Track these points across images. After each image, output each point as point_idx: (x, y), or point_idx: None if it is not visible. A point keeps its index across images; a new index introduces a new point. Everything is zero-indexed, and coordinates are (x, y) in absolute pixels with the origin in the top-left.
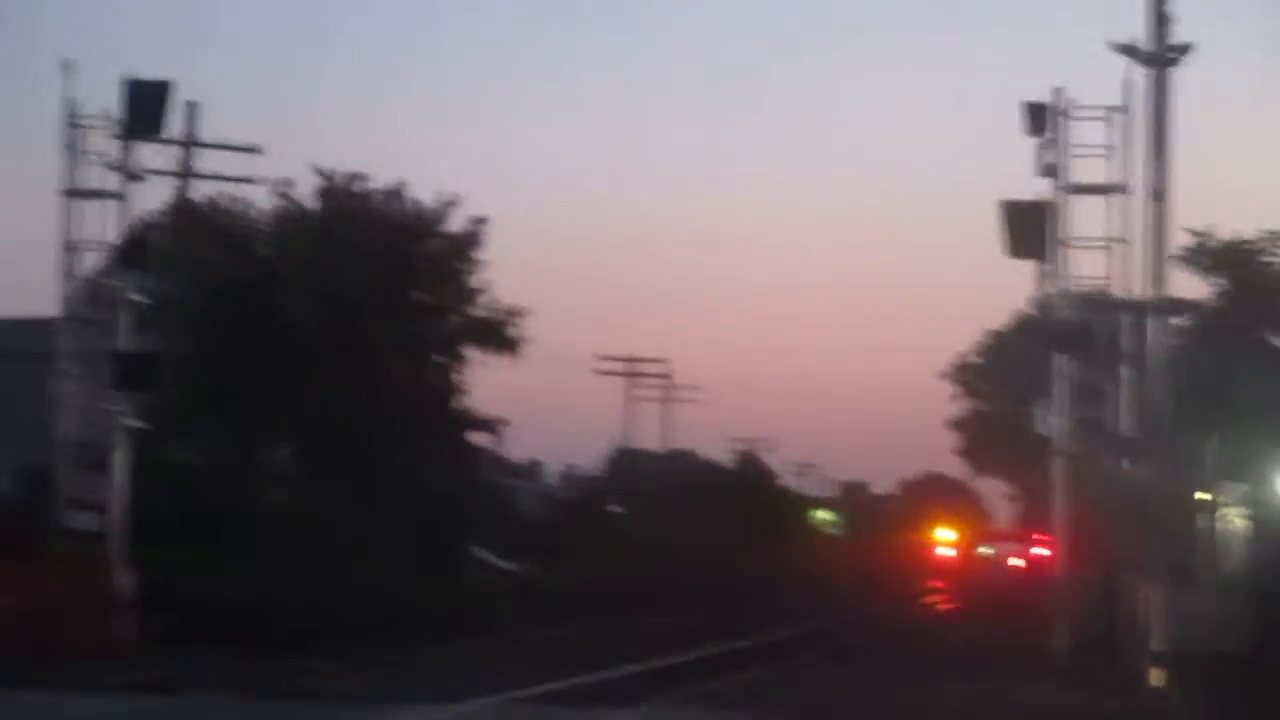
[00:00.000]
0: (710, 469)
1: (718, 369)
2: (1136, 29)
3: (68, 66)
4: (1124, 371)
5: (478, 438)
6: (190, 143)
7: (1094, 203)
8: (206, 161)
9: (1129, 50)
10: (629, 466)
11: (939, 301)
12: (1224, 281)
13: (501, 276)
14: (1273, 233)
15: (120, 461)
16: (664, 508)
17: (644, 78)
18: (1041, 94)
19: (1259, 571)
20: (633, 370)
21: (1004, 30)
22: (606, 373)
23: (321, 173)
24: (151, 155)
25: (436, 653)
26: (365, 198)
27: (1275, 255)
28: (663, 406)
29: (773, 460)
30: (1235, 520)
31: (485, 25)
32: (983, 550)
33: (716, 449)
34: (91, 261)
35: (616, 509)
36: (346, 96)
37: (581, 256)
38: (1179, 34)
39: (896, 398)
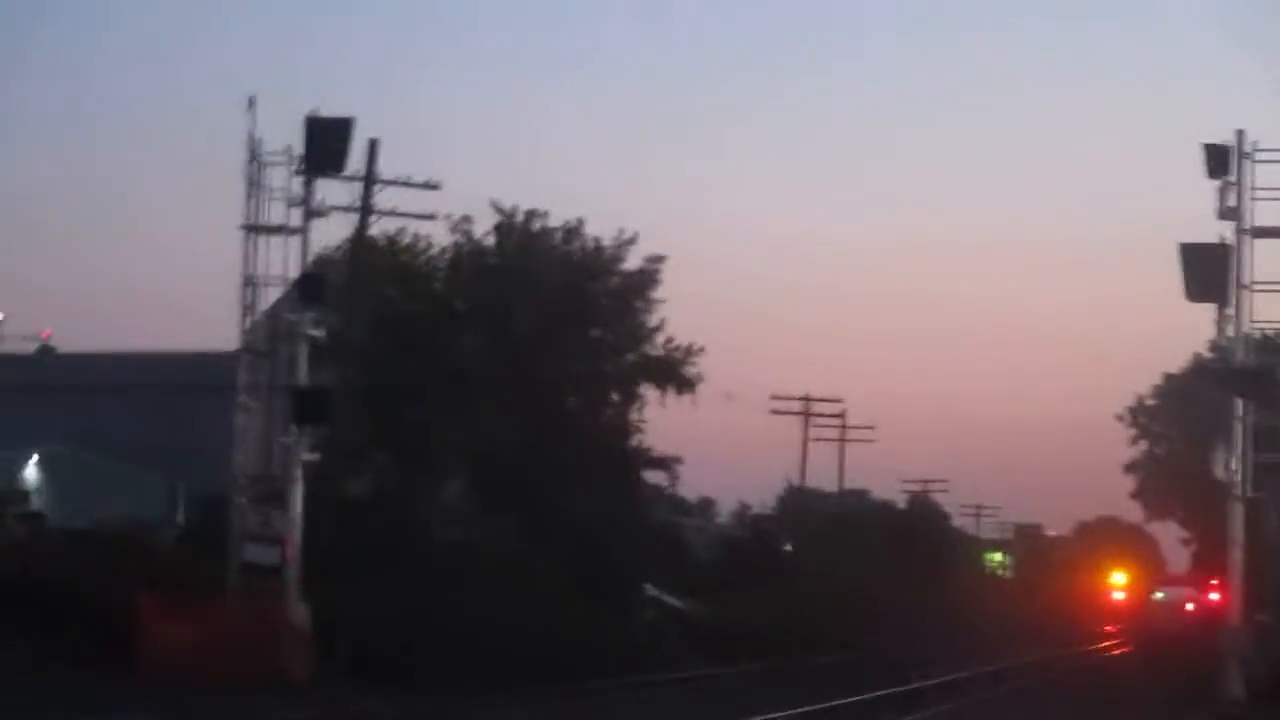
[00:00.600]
0: (883, 509)
1: (894, 410)
2: None
3: (251, 103)
4: None
5: (652, 475)
6: (370, 179)
7: (1276, 246)
8: (386, 198)
9: None
10: (801, 505)
11: (1118, 346)
12: None
13: (678, 314)
14: None
15: (296, 495)
16: (835, 547)
17: (826, 118)
18: (1224, 136)
19: None
20: (807, 410)
21: (1187, 74)
22: (781, 412)
23: (500, 209)
24: (332, 191)
25: (607, 690)
26: (543, 235)
27: None
28: (837, 446)
29: (946, 502)
30: None
31: (669, 61)
32: (1157, 595)
33: (890, 490)
34: (271, 296)
35: (788, 548)
36: (525, 134)
37: (759, 295)
38: None
39: (1073, 441)
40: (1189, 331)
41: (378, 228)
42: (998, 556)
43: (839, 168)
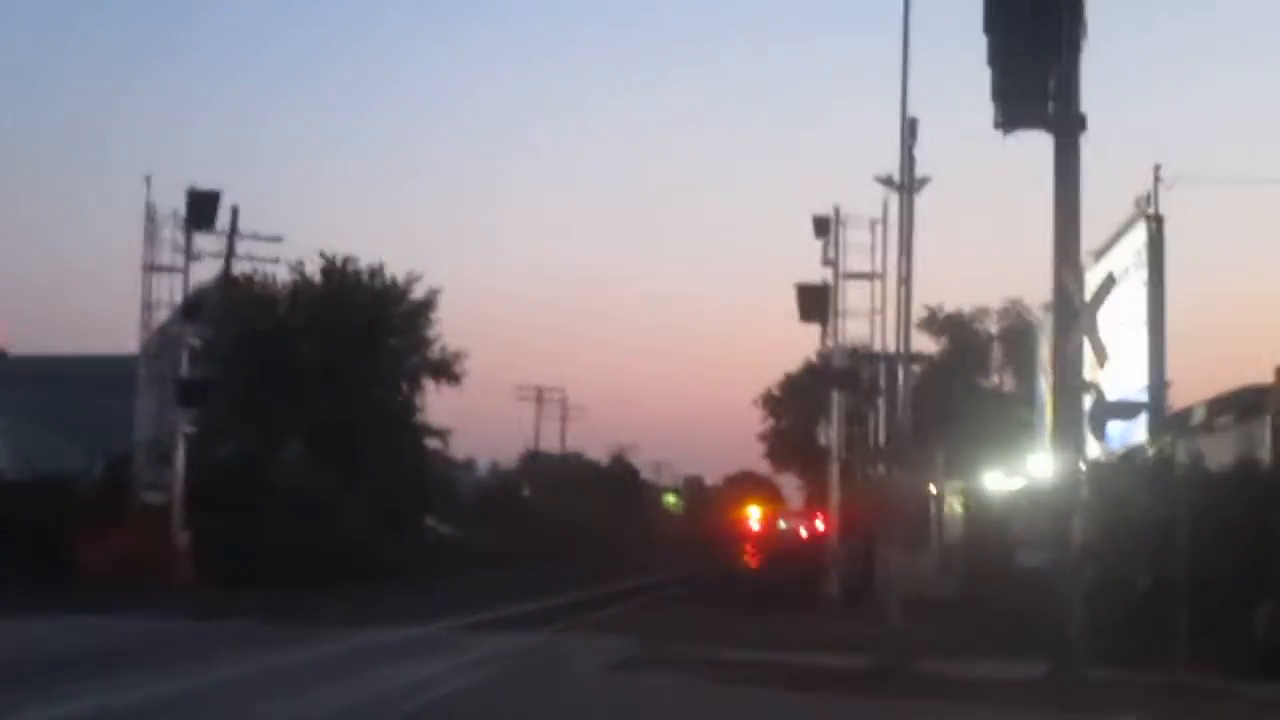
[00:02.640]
0: (592, 466)
1: (603, 390)
2: (893, 164)
3: (147, 180)
4: (880, 403)
5: (431, 442)
6: (233, 233)
7: (861, 285)
8: (244, 246)
9: (886, 181)
10: (536, 465)
11: (759, 351)
12: (947, 341)
13: (453, 326)
14: (980, 308)
15: (179, 456)
16: (559, 494)
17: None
18: (826, 208)
19: (967, 542)
20: (540, 395)
21: (799, 159)
22: (521, 398)
23: (325, 256)
24: (206, 242)
25: (402, 590)
26: (355, 274)
27: (981, 324)
28: (561, 421)
29: (637, 459)
30: (954, 506)
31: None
32: (781, 524)
33: (599, 451)
34: (162, 315)
35: (526, 493)
36: (357, 198)
37: (513, 310)
38: (922, 168)
39: (726, 416)
40: (804, 343)
41: (239, 268)
42: (672, 499)
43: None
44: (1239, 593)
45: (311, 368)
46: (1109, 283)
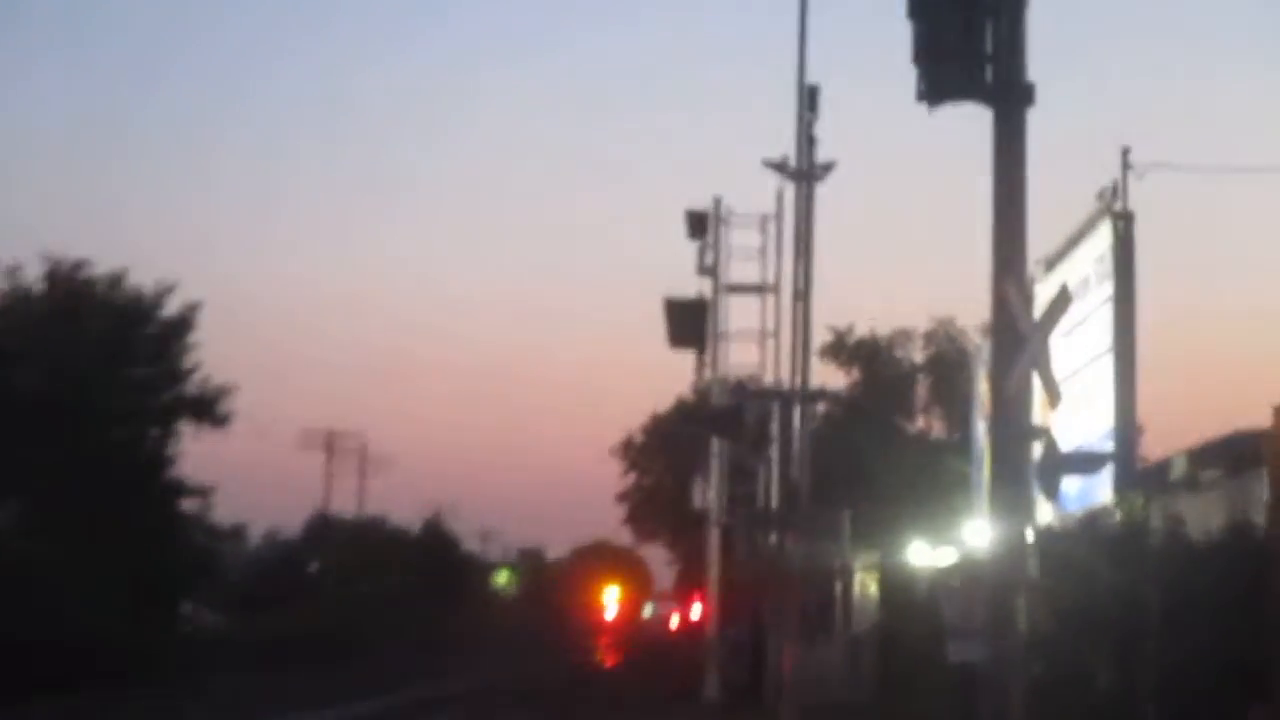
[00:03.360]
0: (398, 534)
1: (414, 441)
2: (788, 146)
3: None
4: (772, 452)
5: (188, 503)
6: None
7: (747, 300)
8: None
9: (779, 167)
10: (325, 531)
11: (615, 385)
12: (859, 372)
13: (217, 353)
14: (901, 330)
15: None
16: (355, 570)
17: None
18: (704, 202)
19: (884, 631)
20: (331, 442)
21: (671, 142)
22: (307, 445)
23: (48, 259)
24: None
25: (143, 699)
26: (89, 283)
27: (902, 351)
28: (359, 476)
29: (458, 526)
30: (867, 586)
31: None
32: (645, 610)
33: (408, 515)
34: None
35: (313, 568)
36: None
37: (293, 337)
38: (826, 151)
39: (575, 471)
40: (675, 375)
41: None
42: (504, 577)
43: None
44: (1224, 692)
45: (30, 404)
46: (1064, 298)
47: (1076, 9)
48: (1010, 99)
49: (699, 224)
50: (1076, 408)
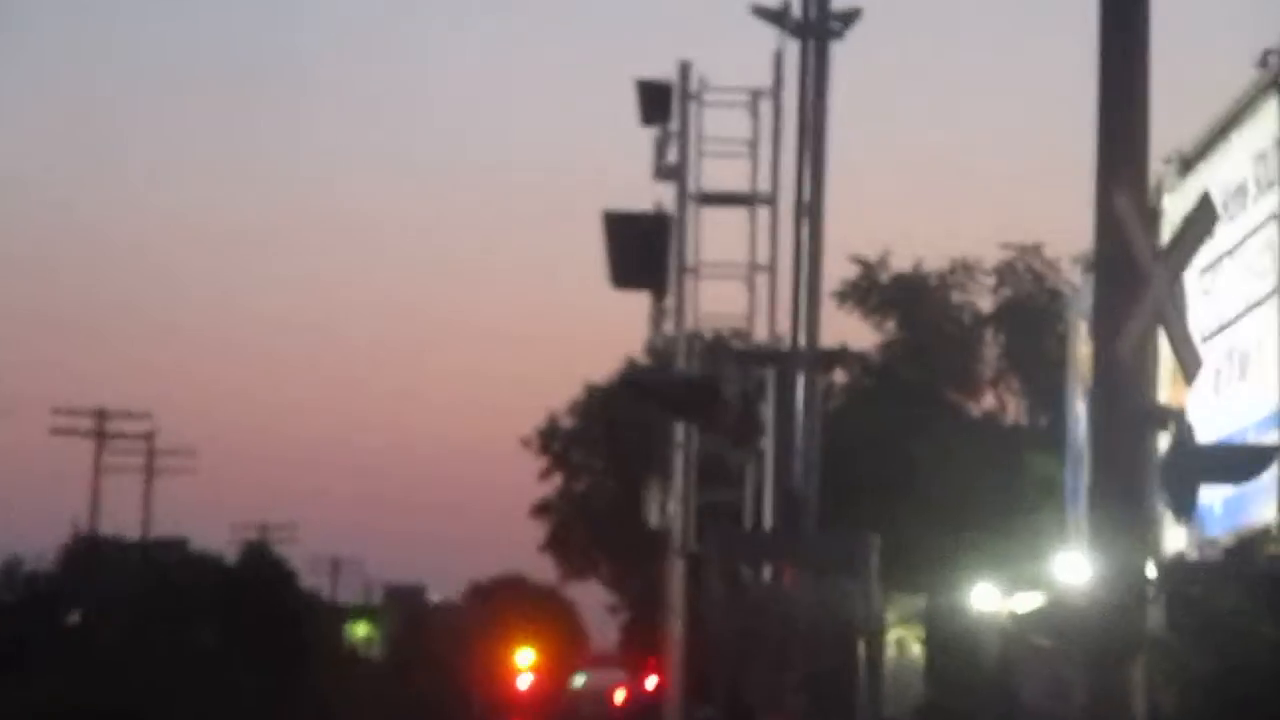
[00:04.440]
0: (205, 564)
1: (223, 431)
2: None
3: None
4: (764, 444)
5: None
6: None
7: (730, 217)
8: None
9: (776, 17)
10: (94, 561)
11: (532, 339)
12: (895, 325)
13: None
14: (959, 263)
15: None
16: (139, 618)
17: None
18: (665, 69)
19: (931, 708)
20: (101, 428)
21: None
22: (66, 431)
23: None
24: None
25: None
26: None
27: (962, 294)
28: (145, 478)
29: (294, 553)
30: (905, 643)
31: None
32: (577, 680)
33: (221, 537)
34: None
35: (76, 618)
36: None
37: (40, 284)
38: None
39: (470, 471)
40: (621, 327)
41: None
42: (364, 628)
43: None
44: None
45: None
46: (1206, 215)
47: None
48: None
49: (657, 102)
50: (1225, 380)
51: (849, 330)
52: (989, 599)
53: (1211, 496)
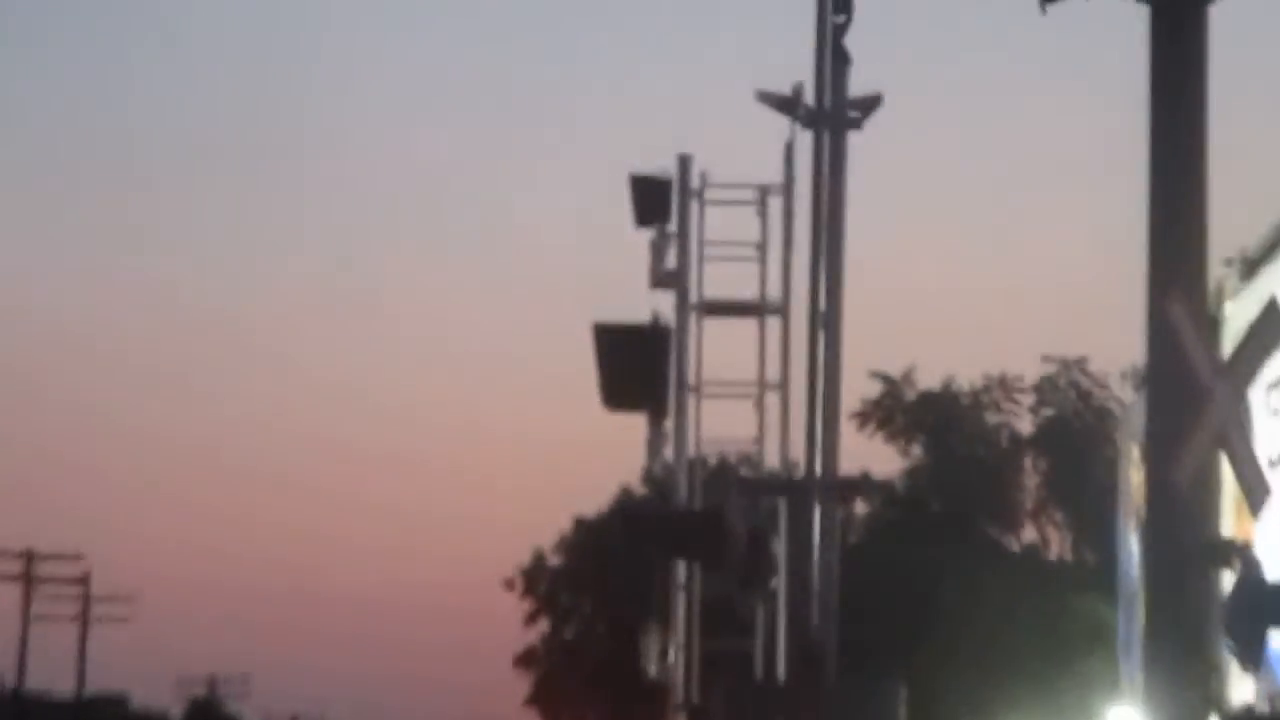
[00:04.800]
0: None
1: (165, 576)
2: (802, 71)
3: None
4: (776, 584)
5: None
6: None
7: (737, 329)
8: None
9: (787, 105)
10: None
11: (513, 476)
12: (924, 449)
13: None
14: (996, 379)
15: None
16: None
17: None
18: (663, 161)
19: None
20: (31, 572)
21: (610, 71)
22: None
23: None
24: None
25: None
26: None
27: (999, 414)
28: (79, 626)
29: (248, 710)
30: None
31: None
32: None
33: (162, 692)
34: None
35: None
36: None
37: None
38: (863, 81)
39: (442, 621)
40: (615, 452)
41: None
42: None
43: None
44: None
45: None
46: (1273, 321)
47: None
48: None
49: (654, 200)
50: None
51: (871, 456)
52: None
53: None
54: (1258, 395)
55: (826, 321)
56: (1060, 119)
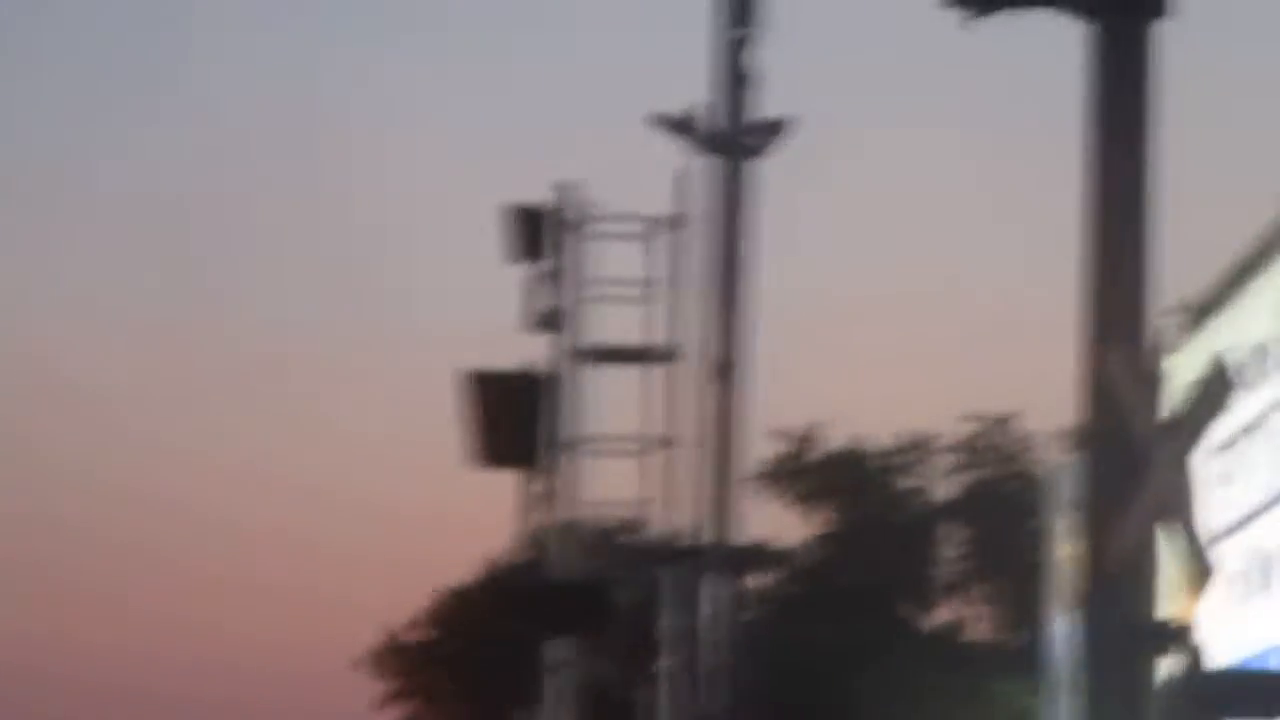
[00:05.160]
0: None
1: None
2: (699, 89)
3: None
4: (663, 666)
5: None
6: None
7: (621, 377)
8: None
9: (681, 126)
10: None
11: (377, 538)
12: (834, 514)
13: None
14: (912, 438)
15: None
16: None
17: None
18: (541, 192)
19: None
20: None
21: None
22: None
23: None
24: None
25: None
26: None
27: (913, 476)
28: None
29: None
30: None
31: None
32: None
33: None
34: None
35: None
36: None
37: None
38: (768, 104)
39: (277, 710)
40: (483, 518)
41: None
42: None
43: None
44: None
45: None
46: (1220, 379)
47: None
48: (1128, 5)
49: (531, 233)
50: (1246, 589)
51: (770, 523)
52: None
53: None
54: (1203, 461)
55: (722, 370)
56: (999, 147)
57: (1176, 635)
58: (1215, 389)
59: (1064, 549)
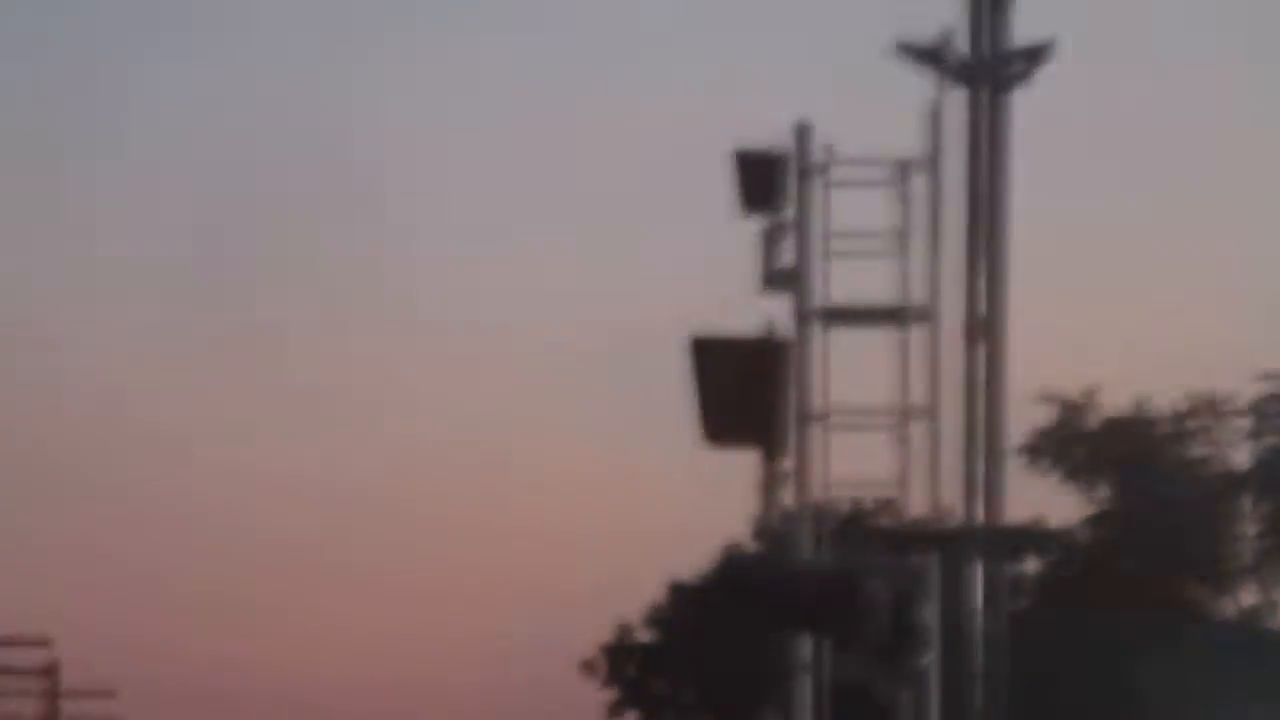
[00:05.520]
0: None
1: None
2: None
3: None
4: (925, 660)
5: None
6: None
7: (871, 341)
8: None
9: (931, 57)
10: None
11: (589, 531)
12: (1112, 490)
13: None
14: (1203, 399)
15: None
16: None
17: None
18: (773, 134)
19: None
20: None
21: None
22: None
23: None
24: None
25: None
26: None
27: (1207, 444)
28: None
29: None
30: None
31: None
32: None
33: None
34: None
35: None
36: None
37: None
38: (1023, 30)
39: (505, 715)
40: (720, 502)
41: None
42: None
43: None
44: None
45: None
46: None
47: None
48: None
49: (764, 181)
50: None
51: (1043, 500)
52: None
53: None
54: None
55: (987, 330)
56: None
57: None
58: None
59: None
